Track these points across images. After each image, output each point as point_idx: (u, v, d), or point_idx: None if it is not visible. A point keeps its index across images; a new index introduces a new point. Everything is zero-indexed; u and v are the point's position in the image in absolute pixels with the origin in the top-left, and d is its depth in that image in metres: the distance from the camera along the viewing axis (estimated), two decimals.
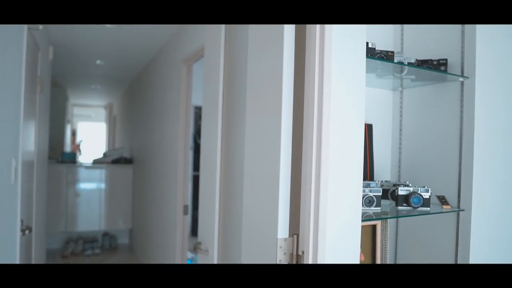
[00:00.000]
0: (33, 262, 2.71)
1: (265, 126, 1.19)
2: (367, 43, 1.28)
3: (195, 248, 1.78)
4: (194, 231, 5.01)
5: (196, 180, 4.91)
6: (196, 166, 4.93)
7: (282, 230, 1.11)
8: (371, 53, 1.30)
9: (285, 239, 1.11)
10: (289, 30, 1.12)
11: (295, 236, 1.10)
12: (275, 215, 1.11)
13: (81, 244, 5.16)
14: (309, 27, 1.09)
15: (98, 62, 4.75)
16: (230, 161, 1.65)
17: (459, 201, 1.44)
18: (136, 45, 3.91)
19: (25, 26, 1.99)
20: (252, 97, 1.31)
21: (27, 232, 2.11)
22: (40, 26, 2.23)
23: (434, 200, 1.48)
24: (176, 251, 3.08)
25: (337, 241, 1.06)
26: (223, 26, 1.64)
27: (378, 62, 1.32)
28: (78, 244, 5.15)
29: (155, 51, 4.12)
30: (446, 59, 1.45)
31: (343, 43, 1.07)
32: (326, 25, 1.04)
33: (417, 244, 1.60)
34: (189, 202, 3.55)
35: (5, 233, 1.74)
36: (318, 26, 1.05)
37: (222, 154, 1.63)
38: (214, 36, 1.71)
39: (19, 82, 1.95)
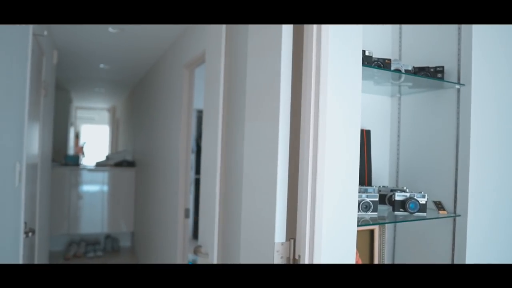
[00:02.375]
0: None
1: (263, 131, 1.22)
2: (364, 51, 1.31)
3: (195, 251, 1.80)
4: (196, 234, 5.03)
5: (198, 183, 4.94)
6: (199, 169, 4.96)
7: (279, 234, 1.13)
8: (368, 61, 1.32)
9: (282, 243, 1.13)
10: (287, 31, 1.14)
11: (292, 240, 1.13)
12: (272, 219, 1.13)
13: (83, 246, 5.19)
14: (306, 27, 1.11)
15: (101, 65, 4.80)
16: (230, 166, 1.67)
17: (455, 207, 1.46)
18: (139, 49, 3.96)
19: (30, 32, 2.02)
20: (251, 101, 1.34)
21: (30, 234, 2.15)
22: (45, 32, 2.27)
23: (431, 205, 1.50)
24: (177, 254, 3.10)
25: (333, 245, 1.09)
26: (223, 31, 1.66)
27: (375, 69, 1.35)
28: (80, 246, 5.18)
29: (157, 55, 4.16)
30: (442, 67, 1.48)
31: (339, 46, 1.09)
32: (323, 25, 1.07)
33: (414, 249, 1.62)
34: (190, 205, 3.58)
35: (9, 235, 1.77)
36: (315, 26, 1.08)
37: (222, 159, 1.66)
38: (215, 41, 1.74)
39: (24, 87, 1.99)
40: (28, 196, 2.20)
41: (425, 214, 1.40)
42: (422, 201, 1.40)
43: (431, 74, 1.47)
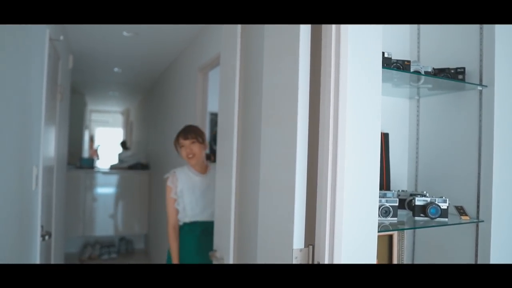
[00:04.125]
0: None
1: (281, 134, 1.20)
2: (383, 53, 1.28)
3: (210, 256, 1.79)
4: None
5: None
6: None
7: (298, 240, 1.11)
8: (387, 63, 1.29)
9: (300, 250, 1.10)
10: (304, 31, 1.12)
11: (311, 246, 1.10)
12: (290, 225, 1.11)
13: (98, 248, 5.23)
14: (324, 27, 1.09)
15: (115, 69, 4.84)
16: (246, 170, 1.66)
17: (478, 212, 1.42)
18: (153, 53, 3.98)
19: (47, 38, 2.04)
20: (268, 104, 1.32)
21: (47, 237, 2.16)
22: (61, 37, 2.29)
23: (452, 210, 1.45)
24: None
25: (353, 252, 1.06)
26: (238, 33, 1.65)
27: (394, 71, 1.32)
28: (95, 248, 5.23)
29: (171, 59, 4.18)
30: (464, 68, 1.44)
31: (359, 47, 1.07)
32: (342, 25, 1.04)
33: (435, 255, 1.58)
34: None
35: (26, 239, 1.79)
36: (334, 26, 1.05)
37: (238, 163, 1.64)
38: (230, 43, 1.73)
39: (40, 92, 2.01)
40: (45, 199, 2.22)
41: (446, 219, 1.36)
42: (444, 206, 1.36)
43: (451, 75, 1.43)
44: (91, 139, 10.29)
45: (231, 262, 1.60)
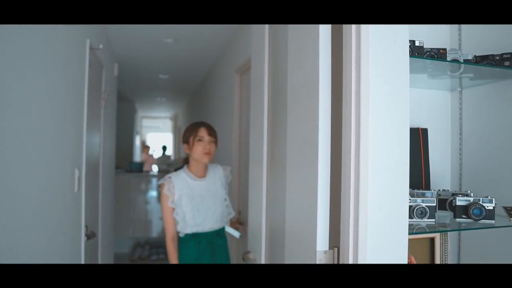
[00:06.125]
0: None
1: (303, 134, 1.16)
2: (414, 41, 1.19)
3: (244, 257, 1.78)
4: None
5: None
6: None
7: (322, 242, 1.05)
8: (419, 52, 1.20)
9: (325, 252, 1.05)
10: (324, 31, 1.07)
11: (336, 248, 1.04)
12: (313, 226, 1.06)
13: (147, 249, 5.42)
14: (345, 27, 1.04)
15: (161, 76, 5.00)
16: (276, 171, 1.62)
17: None
18: (193, 58, 4.06)
19: (87, 47, 2.14)
20: (292, 104, 1.28)
21: (92, 237, 2.26)
22: (101, 46, 2.39)
23: (501, 212, 1.32)
24: (233, 259, 3.10)
25: (380, 254, 0.99)
26: (266, 33, 1.62)
27: (428, 61, 1.22)
28: (145, 249, 5.41)
29: (210, 63, 4.24)
30: (510, 53, 1.30)
31: (382, 43, 1.00)
32: (362, 25, 0.98)
33: (483, 261, 1.44)
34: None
35: (70, 237, 1.88)
36: (354, 26, 0.99)
37: (268, 164, 1.61)
38: (259, 44, 1.71)
39: (82, 99, 2.10)
40: (89, 201, 2.32)
41: (493, 221, 1.24)
42: (489, 206, 1.24)
43: (496, 62, 1.30)
44: (144, 145, 10.67)
45: (263, 263, 1.57)
